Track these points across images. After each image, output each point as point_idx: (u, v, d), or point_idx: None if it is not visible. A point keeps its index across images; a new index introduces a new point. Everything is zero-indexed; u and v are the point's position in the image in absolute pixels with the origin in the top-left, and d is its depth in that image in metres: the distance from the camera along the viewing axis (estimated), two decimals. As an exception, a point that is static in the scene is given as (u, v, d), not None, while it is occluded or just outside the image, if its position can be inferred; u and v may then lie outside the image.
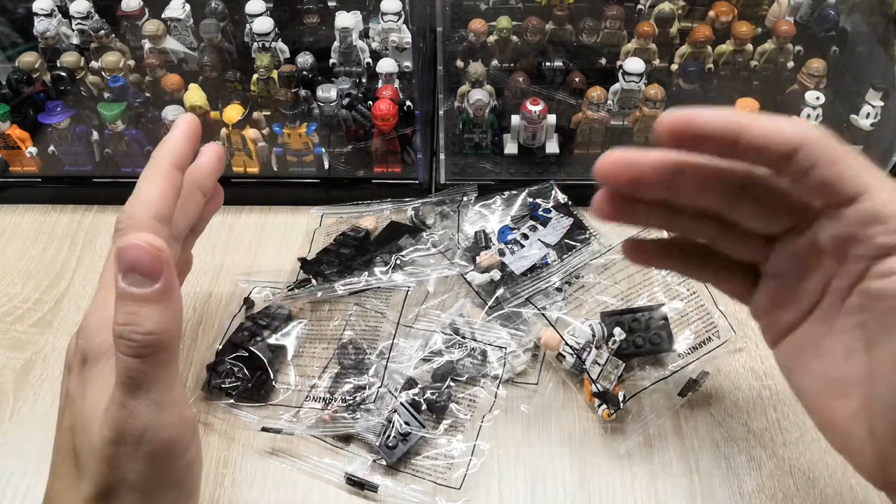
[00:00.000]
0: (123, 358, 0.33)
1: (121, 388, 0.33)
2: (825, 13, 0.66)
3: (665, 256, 0.38)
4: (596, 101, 0.61)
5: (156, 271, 0.33)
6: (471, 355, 0.51)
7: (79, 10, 0.68)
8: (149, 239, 0.33)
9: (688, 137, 0.34)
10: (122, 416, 0.33)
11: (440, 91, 0.65)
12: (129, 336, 0.33)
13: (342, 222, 0.61)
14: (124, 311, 0.33)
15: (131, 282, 0.33)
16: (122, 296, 0.33)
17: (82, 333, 0.36)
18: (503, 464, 0.48)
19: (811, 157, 0.31)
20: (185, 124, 0.42)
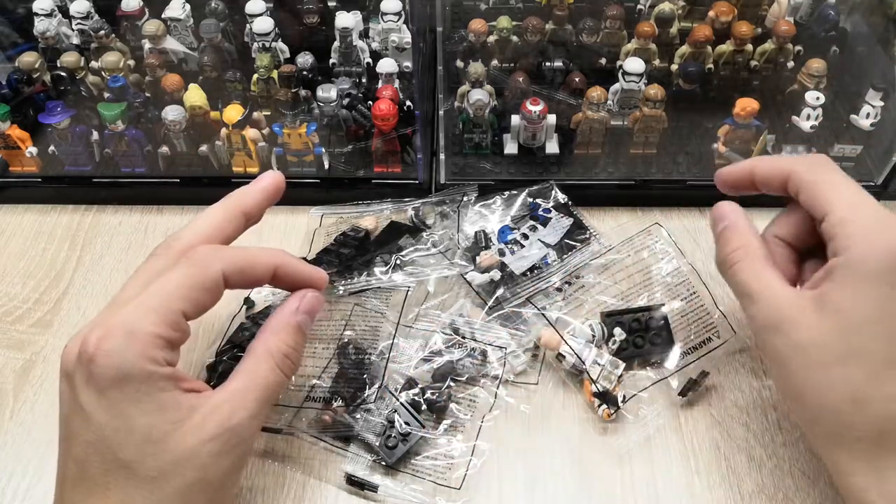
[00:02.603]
0: (281, 378, 0.40)
1: (259, 402, 0.39)
2: (825, 13, 0.66)
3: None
4: (596, 101, 0.61)
5: (313, 318, 0.43)
6: (471, 355, 0.51)
7: (79, 10, 0.68)
8: (321, 296, 0.44)
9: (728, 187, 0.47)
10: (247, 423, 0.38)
11: (440, 91, 0.65)
12: (294, 359, 0.41)
13: (342, 222, 0.61)
14: (294, 340, 0.41)
15: (303, 321, 0.42)
16: (297, 328, 0.42)
17: (114, 353, 0.35)
18: (503, 464, 0.48)
19: (796, 186, 0.42)
20: (270, 180, 0.46)
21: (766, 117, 0.62)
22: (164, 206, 0.65)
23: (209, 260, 0.39)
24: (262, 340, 0.41)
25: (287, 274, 0.43)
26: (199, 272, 0.39)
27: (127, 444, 0.35)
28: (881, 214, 0.38)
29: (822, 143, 0.64)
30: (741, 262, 0.42)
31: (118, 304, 0.38)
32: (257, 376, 0.39)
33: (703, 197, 0.63)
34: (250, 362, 0.40)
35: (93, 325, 0.37)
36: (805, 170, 0.41)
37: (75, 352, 0.36)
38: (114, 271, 0.60)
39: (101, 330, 0.36)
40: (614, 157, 0.65)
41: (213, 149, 0.64)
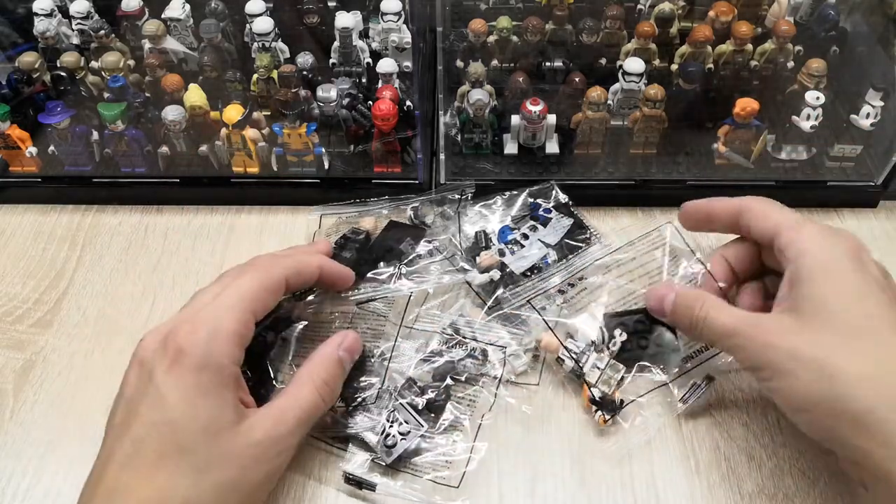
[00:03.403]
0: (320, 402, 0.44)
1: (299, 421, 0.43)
2: (825, 13, 0.66)
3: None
4: (596, 101, 0.61)
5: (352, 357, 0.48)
6: (471, 355, 0.51)
7: (79, 10, 0.68)
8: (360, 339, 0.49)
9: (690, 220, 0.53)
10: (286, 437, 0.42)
11: (440, 91, 0.65)
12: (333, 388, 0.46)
13: (341, 223, 0.61)
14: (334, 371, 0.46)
15: (344, 357, 0.47)
16: (337, 362, 0.46)
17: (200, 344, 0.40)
18: (503, 464, 0.48)
19: (747, 219, 0.47)
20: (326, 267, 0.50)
21: (766, 117, 0.62)
22: (164, 206, 0.65)
23: (273, 266, 0.46)
24: (307, 368, 0.45)
25: (328, 273, 0.49)
26: (265, 276, 0.45)
27: (188, 429, 0.39)
28: (819, 226, 0.44)
29: (822, 143, 0.64)
30: (709, 312, 0.44)
31: (197, 306, 0.43)
32: (299, 398, 0.43)
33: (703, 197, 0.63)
34: (295, 385, 0.44)
35: (176, 322, 0.42)
36: (754, 204, 0.47)
37: (157, 341, 0.41)
38: (114, 271, 0.60)
39: (188, 325, 0.41)
40: (614, 157, 0.65)
41: (213, 149, 0.64)
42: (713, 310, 0.44)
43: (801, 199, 0.63)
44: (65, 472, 0.48)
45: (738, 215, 0.48)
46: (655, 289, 0.49)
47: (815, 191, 0.64)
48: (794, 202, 0.62)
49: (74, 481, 0.47)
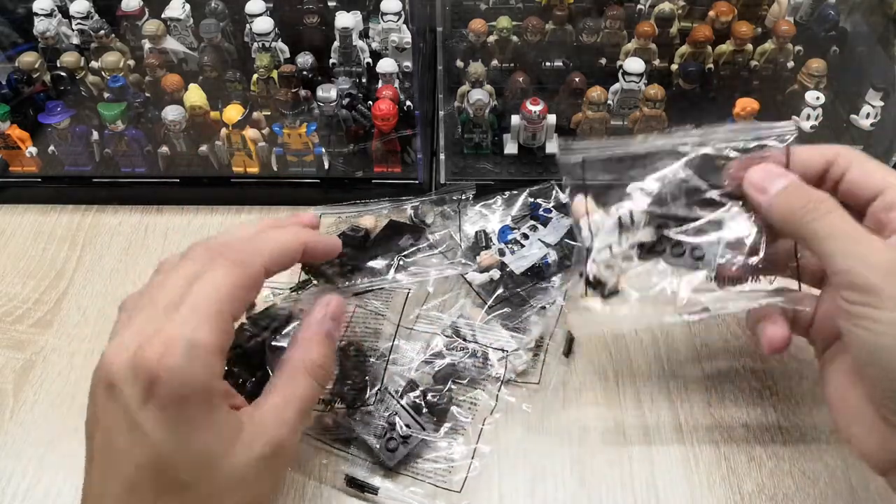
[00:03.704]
0: (316, 388, 0.40)
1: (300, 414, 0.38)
2: (825, 13, 0.66)
3: None
4: (596, 101, 0.61)
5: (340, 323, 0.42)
6: (472, 357, 0.51)
7: (79, 10, 0.68)
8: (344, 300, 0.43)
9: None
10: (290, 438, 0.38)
11: (440, 91, 0.65)
12: (327, 368, 0.40)
13: (341, 222, 0.61)
14: (325, 348, 0.40)
15: (331, 327, 0.41)
16: (326, 336, 0.41)
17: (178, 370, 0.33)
18: (504, 465, 0.48)
19: (845, 164, 0.40)
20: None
21: (766, 117, 0.62)
22: (164, 206, 0.65)
23: (250, 255, 0.38)
24: (294, 353, 0.40)
25: (312, 248, 0.42)
26: (242, 271, 0.37)
27: (184, 464, 0.34)
28: None
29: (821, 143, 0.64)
30: (840, 209, 0.37)
31: (163, 310, 0.35)
32: (294, 389, 0.39)
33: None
34: (285, 376, 0.39)
35: (141, 335, 0.34)
36: (851, 152, 0.41)
37: (125, 362, 0.33)
38: (114, 271, 0.60)
39: (158, 343, 0.33)
40: (614, 157, 0.65)
41: (213, 149, 0.64)
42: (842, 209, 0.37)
43: (801, 199, 0.63)
44: (65, 472, 0.48)
45: (830, 163, 0.41)
46: (764, 165, 0.40)
47: (815, 191, 0.63)
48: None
49: (74, 481, 0.48)
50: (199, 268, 0.37)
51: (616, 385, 0.52)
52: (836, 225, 0.36)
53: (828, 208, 0.37)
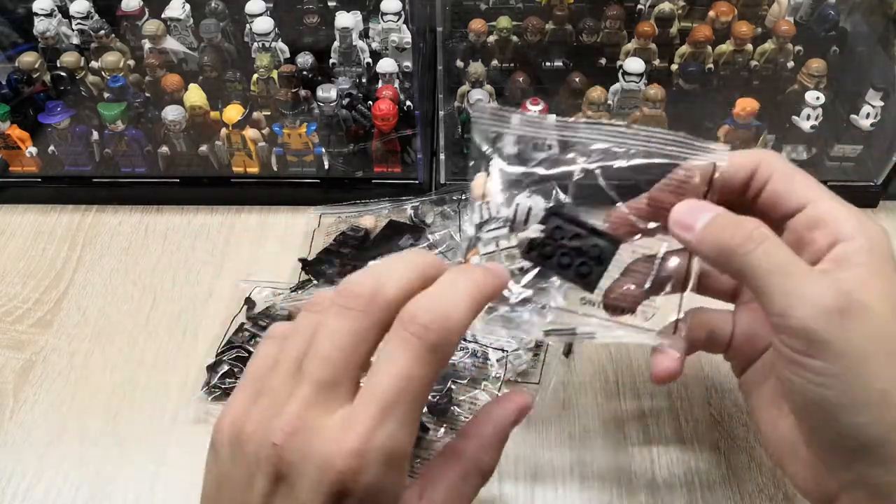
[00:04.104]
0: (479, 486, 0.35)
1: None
2: (825, 13, 0.66)
3: None
4: (596, 101, 0.61)
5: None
6: (472, 357, 0.51)
7: (79, 10, 0.68)
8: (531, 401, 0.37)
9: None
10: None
11: (440, 91, 0.65)
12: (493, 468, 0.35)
13: (341, 222, 0.61)
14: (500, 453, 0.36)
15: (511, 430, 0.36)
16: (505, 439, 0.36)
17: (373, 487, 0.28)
18: (504, 465, 0.48)
19: (767, 172, 0.36)
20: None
21: (766, 117, 0.62)
22: (164, 206, 0.65)
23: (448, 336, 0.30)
24: (470, 447, 0.34)
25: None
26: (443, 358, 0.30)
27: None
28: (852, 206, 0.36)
29: (822, 143, 0.64)
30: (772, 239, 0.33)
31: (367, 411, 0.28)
32: (461, 495, 0.34)
33: (703, 197, 0.63)
34: (455, 472, 0.33)
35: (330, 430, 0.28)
36: (777, 161, 0.37)
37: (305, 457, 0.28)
38: (114, 271, 0.60)
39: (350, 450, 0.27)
40: (614, 157, 0.65)
41: (213, 149, 0.64)
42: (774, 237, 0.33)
43: (801, 199, 0.63)
44: (65, 472, 0.48)
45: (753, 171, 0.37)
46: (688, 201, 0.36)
47: (815, 191, 0.63)
48: (794, 202, 0.63)
49: (74, 481, 0.48)
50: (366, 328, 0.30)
51: (616, 385, 0.52)
52: (772, 258, 0.32)
53: (761, 237, 0.33)
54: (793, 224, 0.35)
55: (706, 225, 0.34)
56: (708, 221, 0.34)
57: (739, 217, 0.34)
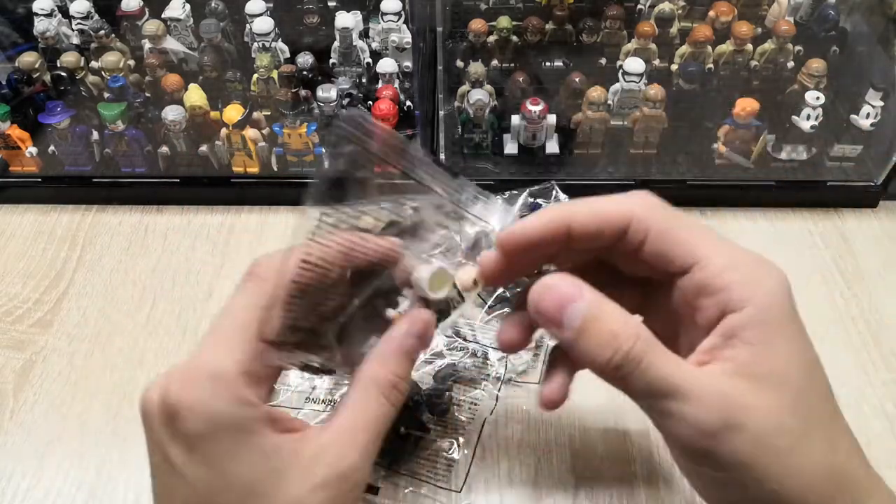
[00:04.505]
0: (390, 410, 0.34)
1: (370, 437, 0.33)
2: (825, 13, 0.66)
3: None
4: (596, 101, 0.61)
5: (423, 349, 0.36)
6: (472, 357, 0.51)
7: (79, 10, 0.68)
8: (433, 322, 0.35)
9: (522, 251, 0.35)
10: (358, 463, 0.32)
11: (440, 91, 0.65)
12: (402, 389, 0.34)
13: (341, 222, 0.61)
14: (402, 368, 0.34)
15: (413, 346, 0.35)
16: (406, 355, 0.35)
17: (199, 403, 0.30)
18: (504, 466, 0.48)
19: (641, 232, 0.33)
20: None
21: (766, 117, 0.62)
22: (164, 206, 0.65)
23: (273, 271, 0.33)
24: (368, 368, 0.34)
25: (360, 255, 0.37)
26: (267, 288, 0.33)
27: (227, 501, 0.31)
28: (750, 253, 0.32)
29: (822, 143, 0.64)
30: (650, 355, 0.30)
31: (201, 341, 0.33)
32: (366, 410, 0.33)
33: (703, 197, 0.63)
34: (357, 394, 0.34)
35: (172, 371, 0.32)
36: (652, 214, 0.33)
37: (155, 402, 0.31)
38: (114, 271, 0.60)
39: (179, 377, 0.31)
40: (614, 157, 0.65)
41: (213, 149, 0.64)
42: (652, 350, 0.30)
43: (801, 199, 0.63)
44: (65, 472, 0.48)
45: (622, 230, 0.33)
46: (553, 285, 0.32)
47: (815, 191, 0.64)
48: (795, 202, 0.63)
49: (74, 481, 0.48)
50: (228, 300, 0.34)
51: (616, 385, 0.52)
52: (650, 378, 0.30)
53: (638, 356, 0.30)
54: (681, 284, 0.33)
55: (579, 331, 0.31)
56: (580, 326, 0.31)
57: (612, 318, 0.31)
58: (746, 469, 0.29)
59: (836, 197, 0.63)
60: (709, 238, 0.32)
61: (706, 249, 0.32)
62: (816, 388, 0.31)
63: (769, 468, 0.29)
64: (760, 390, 0.30)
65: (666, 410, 0.30)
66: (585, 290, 0.31)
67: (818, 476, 0.30)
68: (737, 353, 0.30)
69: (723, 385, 0.30)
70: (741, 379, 0.30)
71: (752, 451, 0.29)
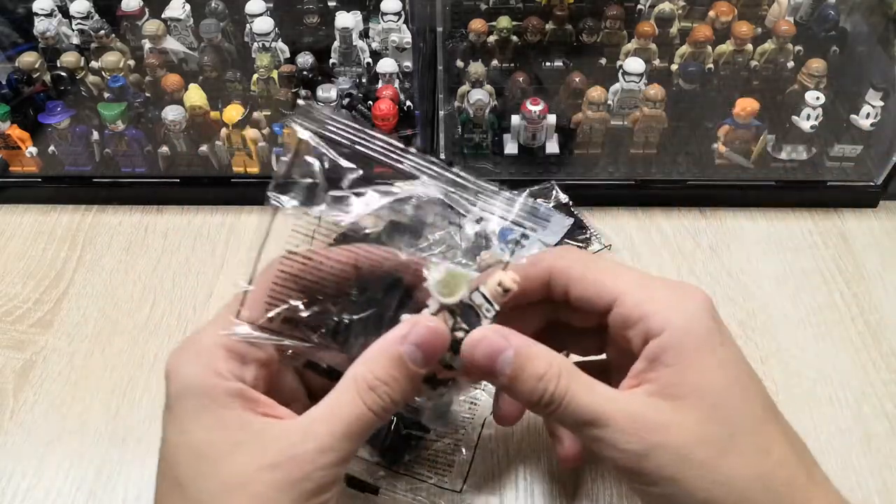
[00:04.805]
0: (363, 411, 0.33)
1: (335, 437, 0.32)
2: (825, 13, 0.66)
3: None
4: (596, 101, 0.61)
5: (431, 360, 0.34)
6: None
7: (79, 10, 0.68)
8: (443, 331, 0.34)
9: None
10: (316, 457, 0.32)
11: (440, 91, 0.65)
12: (381, 394, 0.33)
13: (342, 222, 0.61)
14: (387, 371, 0.33)
15: (411, 355, 0.33)
16: (395, 359, 0.33)
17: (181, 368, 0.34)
18: (504, 466, 0.48)
19: (562, 283, 0.36)
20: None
21: (766, 117, 0.62)
22: (164, 206, 0.65)
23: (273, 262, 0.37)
24: (353, 366, 0.34)
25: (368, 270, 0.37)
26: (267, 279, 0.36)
27: (183, 460, 0.32)
28: (666, 281, 0.36)
29: (822, 143, 0.64)
30: (570, 386, 0.33)
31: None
32: (335, 406, 0.33)
33: (703, 197, 0.63)
34: (335, 390, 0.34)
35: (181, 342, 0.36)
36: (567, 264, 0.37)
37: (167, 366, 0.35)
38: (114, 271, 0.60)
39: (178, 346, 0.35)
40: (614, 157, 0.65)
41: (213, 149, 0.64)
42: (575, 384, 0.33)
43: (801, 199, 0.63)
44: (65, 472, 0.48)
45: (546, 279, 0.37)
46: (483, 338, 0.34)
47: (815, 191, 0.64)
48: (794, 202, 0.63)
49: (74, 481, 0.48)
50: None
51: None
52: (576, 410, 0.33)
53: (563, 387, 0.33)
54: (611, 320, 0.36)
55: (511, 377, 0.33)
56: (511, 373, 0.33)
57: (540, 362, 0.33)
58: (675, 483, 0.32)
59: (836, 197, 0.63)
60: (623, 274, 0.36)
61: (621, 286, 0.35)
62: (742, 398, 0.33)
63: (696, 481, 0.31)
64: (680, 407, 0.32)
65: (593, 437, 0.33)
66: (513, 339, 0.34)
67: (748, 485, 0.32)
68: (658, 374, 0.33)
69: (642, 406, 0.33)
70: (662, 398, 0.33)
71: (677, 466, 0.32)
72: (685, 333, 0.33)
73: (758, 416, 0.33)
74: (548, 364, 0.33)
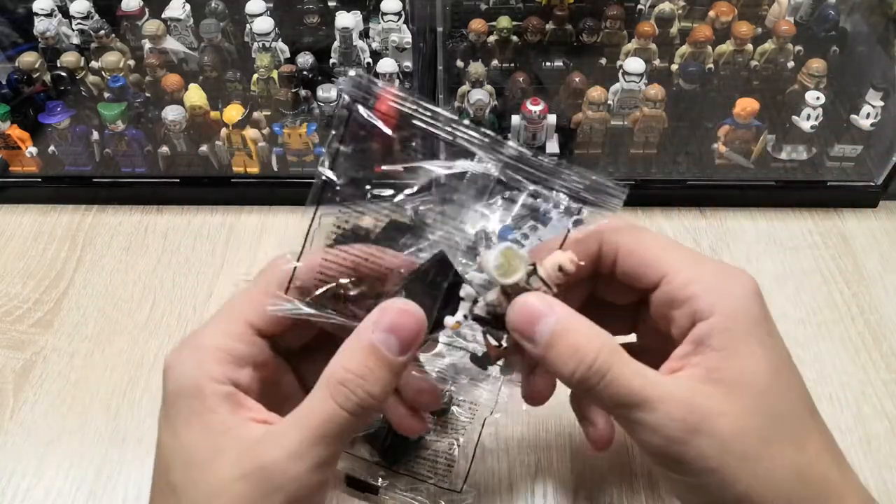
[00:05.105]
0: (335, 411, 0.31)
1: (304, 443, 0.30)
2: (825, 13, 0.66)
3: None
4: (596, 101, 0.61)
5: (408, 345, 0.32)
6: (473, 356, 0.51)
7: (79, 10, 0.68)
8: (417, 312, 0.33)
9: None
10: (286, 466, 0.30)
11: (440, 91, 0.65)
12: (353, 388, 0.31)
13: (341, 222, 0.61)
14: (358, 364, 0.31)
15: (384, 342, 0.32)
16: (367, 350, 0.31)
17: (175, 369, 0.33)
18: (504, 466, 0.48)
19: (611, 256, 0.35)
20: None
21: (766, 117, 0.62)
22: (164, 206, 0.65)
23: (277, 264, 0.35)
24: (330, 364, 0.32)
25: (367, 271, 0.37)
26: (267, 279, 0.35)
27: (173, 464, 0.32)
28: (716, 262, 0.34)
29: (822, 143, 0.64)
30: (615, 368, 0.31)
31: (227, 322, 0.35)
32: (308, 408, 0.31)
33: (703, 197, 0.63)
34: (313, 389, 0.32)
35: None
36: (618, 237, 0.36)
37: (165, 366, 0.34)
38: (114, 271, 0.60)
39: (177, 345, 0.34)
40: (614, 157, 0.65)
41: (213, 149, 0.64)
42: (619, 363, 0.31)
43: (801, 199, 0.63)
44: (65, 472, 0.48)
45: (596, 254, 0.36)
46: (525, 302, 0.33)
47: (815, 191, 0.64)
48: (795, 202, 0.63)
49: (74, 481, 0.48)
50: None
51: (616, 385, 0.52)
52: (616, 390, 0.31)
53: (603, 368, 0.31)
54: (655, 299, 0.34)
55: (547, 345, 0.32)
56: (548, 340, 0.32)
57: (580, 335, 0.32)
58: (714, 473, 0.30)
59: (836, 197, 0.63)
60: (674, 252, 0.34)
61: (671, 263, 0.34)
62: (784, 390, 0.32)
63: (736, 472, 0.30)
64: (726, 395, 0.31)
65: (633, 420, 0.31)
66: (556, 307, 0.32)
67: (786, 478, 0.31)
68: (705, 359, 0.32)
69: (689, 391, 0.31)
70: (708, 384, 0.31)
71: (718, 456, 0.30)
72: (735, 319, 0.32)
73: (798, 409, 0.32)
74: (588, 337, 0.32)
